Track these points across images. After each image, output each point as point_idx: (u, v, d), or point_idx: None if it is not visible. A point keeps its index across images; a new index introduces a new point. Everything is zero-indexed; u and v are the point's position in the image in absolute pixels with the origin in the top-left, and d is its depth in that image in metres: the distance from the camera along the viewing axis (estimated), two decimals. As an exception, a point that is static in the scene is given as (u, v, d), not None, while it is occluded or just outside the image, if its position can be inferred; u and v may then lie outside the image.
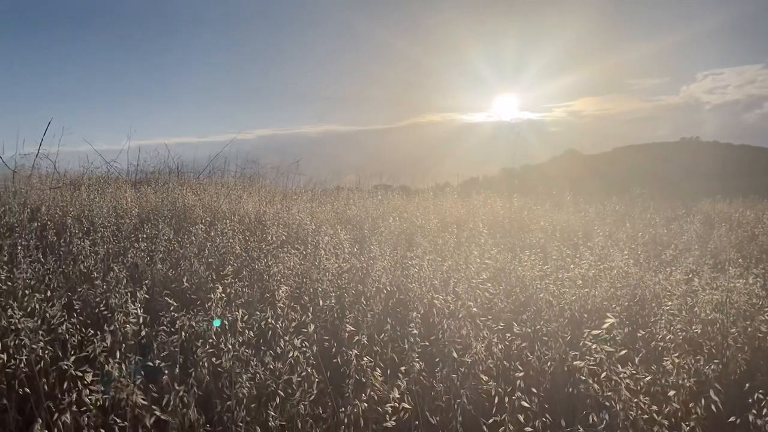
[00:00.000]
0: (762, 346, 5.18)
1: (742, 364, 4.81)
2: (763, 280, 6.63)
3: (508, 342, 4.58)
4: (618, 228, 11.63)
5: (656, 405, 3.39)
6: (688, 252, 8.88)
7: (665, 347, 4.56)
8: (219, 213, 10.76)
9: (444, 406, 3.93)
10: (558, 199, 16.71)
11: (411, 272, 6.68)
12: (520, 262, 7.24)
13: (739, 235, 11.70)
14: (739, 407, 3.76)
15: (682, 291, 6.04)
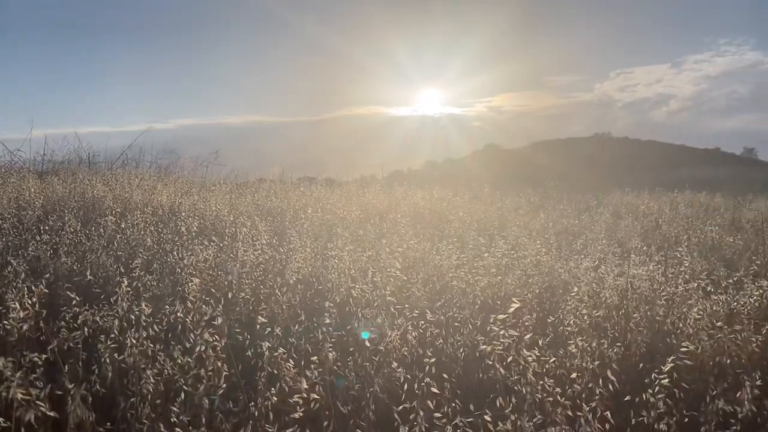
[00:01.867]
0: (661, 329, 5.48)
1: (642, 346, 5.06)
2: (663, 267, 7.04)
3: (422, 329, 4.62)
4: (532, 219, 12.04)
5: (560, 387, 3.50)
6: (597, 241, 9.29)
7: (572, 332, 4.74)
8: (131, 204, 10.31)
9: (357, 395, 3.92)
10: (477, 191, 17.10)
11: (330, 263, 6.64)
12: (438, 252, 7.35)
13: (644, 225, 12.37)
14: (637, 387, 3.95)
15: (589, 278, 6.30)
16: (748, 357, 5.01)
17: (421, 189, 15.95)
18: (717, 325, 5.24)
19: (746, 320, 5.57)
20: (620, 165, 54.19)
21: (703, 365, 4.79)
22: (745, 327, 5.32)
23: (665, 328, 5.44)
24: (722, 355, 4.98)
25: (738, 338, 5.06)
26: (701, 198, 18.84)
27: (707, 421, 3.70)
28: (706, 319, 5.24)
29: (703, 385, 4.33)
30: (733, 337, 5.06)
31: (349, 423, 3.73)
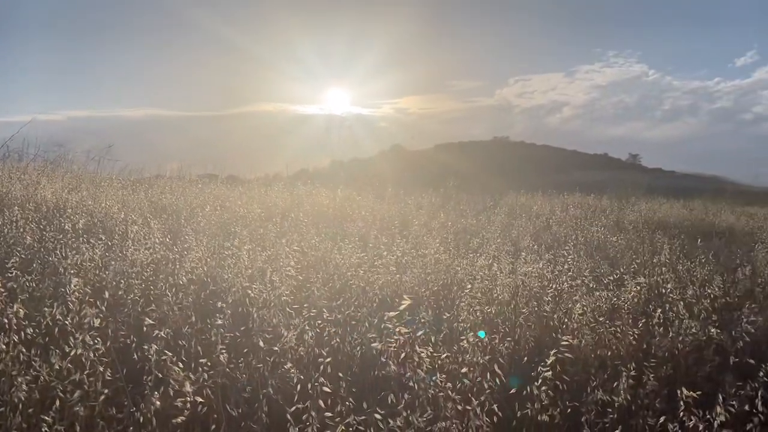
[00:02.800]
0: (548, 324, 5.74)
1: (531, 340, 5.29)
2: (552, 265, 7.39)
3: (319, 329, 4.58)
4: (433, 218, 12.30)
5: (452, 382, 3.57)
6: (493, 240, 9.62)
7: (465, 327, 4.87)
8: (9, 200, 9.55)
9: (250, 397, 3.83)
10: (382, 191, 17.27)
11: (227, 263, 6.45)
12: (339, 251, 7.33)
13: (536, 225, 12.96)
14: (526, 380, 4.11)
15: (483, 275, 6.50)
16: (626, 349, 5.36)
17: (326, 188, 15.90)
18: (599, 319, 5.58)
19: (625, 315, 5.97)
20: (517, 168, 56.59)
21: (586, 358, 5.07)
22: (624, 321, 5.70)
23: (552, 323, 5.71)
24: (603, 348, 5.30)
25: (617, 332, 5.41)
26: (589, 200, 20.01)
27: (588, 411, 3.91)
28: (588, 315, 5.55)
29: (585, 376, 4.58)
30: (613, 330, 5.39)
31: (241, 425, 3.63)
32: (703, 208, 19.40)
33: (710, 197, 24.58)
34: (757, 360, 4.62)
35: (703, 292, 6.61)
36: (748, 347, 5.66)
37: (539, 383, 3.53)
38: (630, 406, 4.10)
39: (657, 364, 4.80)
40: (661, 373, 4.93)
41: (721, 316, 6.40)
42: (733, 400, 3.82)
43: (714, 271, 8.16)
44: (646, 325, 5.69)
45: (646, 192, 24.95)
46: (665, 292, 6.38)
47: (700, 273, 7.86)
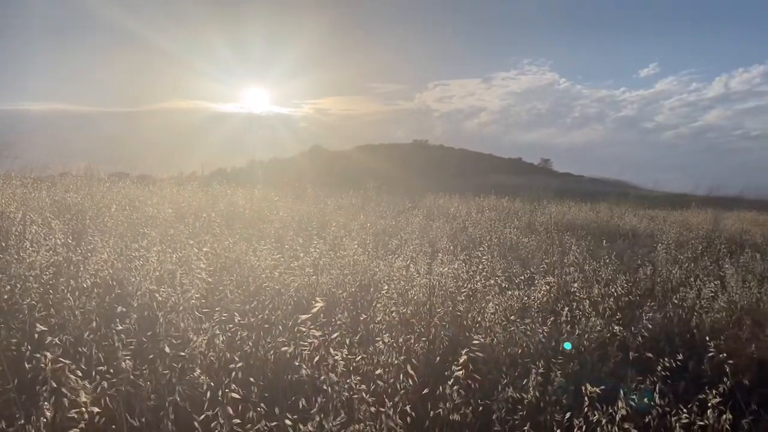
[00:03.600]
0: (462, 323, 5.84)
1: (445, 340, 5.35)
2: (467, 265, 7.53)
3: (231, 333, 4.45)
4: (353, 219, 12.28)
5: (366, 384, 3.54)
6: (411, 241, 9.71)
7: (381, 328, 4.86)
8: None
9: (155, 405, 3.65)
10: (301, 191, 17.09)
11: (135, 264, 6.15)
12: (254, 253, 7.16)
13: (453, 227, 13.21)
14: (440, 379, 4.15)
15: (400, 276, 6.53)
16: (536, 347, 5.53)
17: (244, 188, 15.56)
18: (510, 318, 5.73)
19: (536, 313, 6.17)
20: (436, 170, 57.57)
21: (498, 356, 5.19)
22: (534, 319, 5.88)
23: (466, 322, 5.81)
24: (514, 346, 5.44)
25: (528, 330, 5.58)
26: (504, 203, 20.60)
27: (498, 408, 3.99)
28: (500, 313, 5.69)
29: (497, 374, 4.68)
30: (524, 328, 5.56)
31: (145, 435, 3.46)
32: (609, 211, 20.42)
33: (615, 201, 25.97)
34: (655, 355, 4.89)
35: (608, 290, 6.94)
36: (648, 343, 5.99)
37: (451, 383, 3.56)
38: (539, 402, 4.22)
39: (564, 361, 4.99)
40: (569, 369, 5.12)
41: (624, 313, 6.74)
42: (634, 393, 4.02)
43: (618, 270, 8.58)
44: (554, 323, 5.90)
45: (556, 195, 26.01)
46: (573, 291, 6.63)
47: (605, 273, 8.25)
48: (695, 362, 5.63)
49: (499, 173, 64.67)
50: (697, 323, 6.76)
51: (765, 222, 21.13)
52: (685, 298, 7.18)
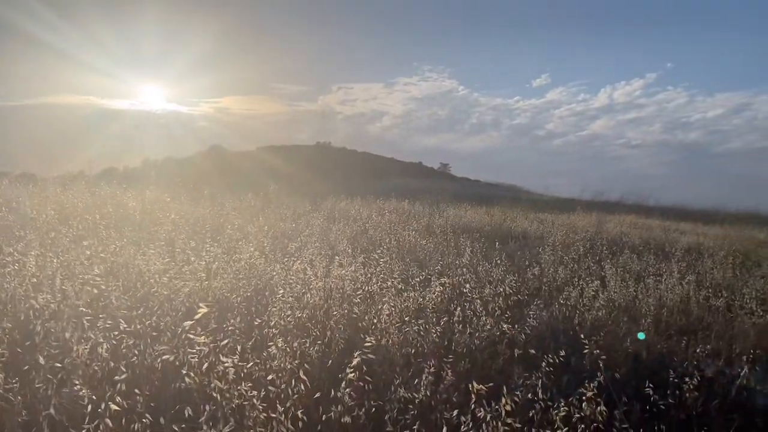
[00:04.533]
0: (358, 326, 5.88)
1: (341, 342, 5.37)
2: (365, 267, 7.60)
3: (116, 341, 4.23)
4: (251, 222, 12.04)
5: (258, 390, 3.49)
6: (311, 244, 9.66)
7: (276, 333, 4.80)
8: None
9: (28, 420, 3.41)
10: (197, 193, 16.55)
11: (9, 270, 5.71)
12: (143, 256, 6.86)
13: (354, 229, 13.27)
14: (335, 382, 4.15)
15: (297, 280, 6.48)
16: (429, 347, 5.67)
17: (136, 189, 14.86)
18: (405, 319, 5.83)
19: (430, 313, 6.32)
20: (339, 173, 57.55)
21: (392, 357, 5.27)
22: (428, 320, 6.03)
23: (361, 324, 5.86)
24: (408, 347, 5.55)
25: (422, 330, 5.71)
26: (404, 206, 20.94)
27: (391, 409, 4.06)
28: (396, 315, 5.78)
29: (390, 375, 4.75)
30: (418, 329, 5.68)
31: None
32: (502, 215, 21.29)
33: (508, 204, 27.16)
34: (540, 351, 5.16)
35: (498, 290, 7.23)
36: (534, 340, 6.30)
37: (344, 385, 3.59)
38: (430, 401, 4.33)
39: (456, 360, 5.15)
40: (460, 368, 5.30)
41: (513, 312, 7.06)
42: (519, 390, 4.22)
43: (508, 271, 8.97)
44: (448, 323, 6.08)
45: (454, 199, 26.82)
46: (465, 291, 6.86)
47: (496, 273, 8.59)
48: (577, 358, 5.98)
49: (401, 176, 65.61)
50: (579, 321, 7.19)
51: (643, 225, 22.84)
52: (569, 297, 7.61)
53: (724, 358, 6.24)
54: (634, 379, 5.62)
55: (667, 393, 4.56)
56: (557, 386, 5.04)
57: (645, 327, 7.02)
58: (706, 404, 4.97)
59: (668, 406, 4.43)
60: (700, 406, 4.85)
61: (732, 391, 5.22)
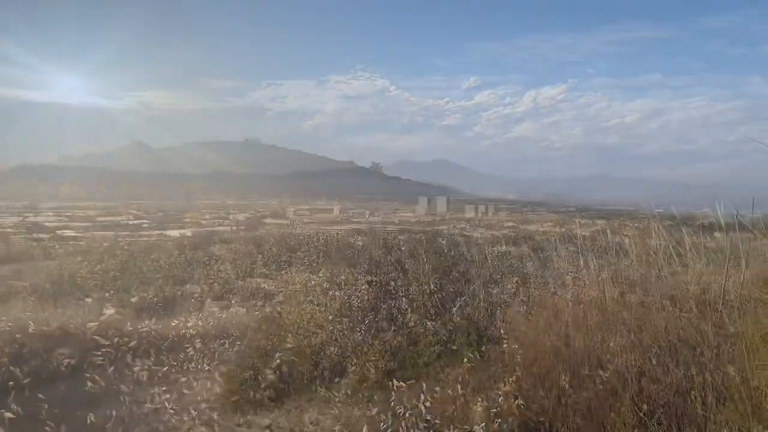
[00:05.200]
0: (280, 326, 5.77)
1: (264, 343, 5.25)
2: (288, 266, 7.47)
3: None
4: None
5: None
6: (233, 250, 9.43)
7: (194, 334, 4.64)
8: None
9: None
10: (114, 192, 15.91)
11: None
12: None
13: (282, 230, 13.10)
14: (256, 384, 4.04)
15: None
16: (353, 345, 5.63)
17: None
18: (330, 318, 5.76)
19: (356, 311, 6.28)
20: (270, 170, 56.71)
21: (316, 356, 5.19)
22: (353, 318, 5.98)
23: (284, 324, 5.74)
24: (332, 345, 5.48)
25: (346, 329, 5.65)
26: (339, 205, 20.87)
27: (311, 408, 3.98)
28: (320, 314, 5.69)
29: (312, 375, 4.68)
30: (342, 327, 5.62)
31: None
32: (432, 214, 21.58)
33: (439, 204, 27.57)
34: (463, 347, 5.21)
35: (424, 288, 7.27)
36: (458, 335, 6.36)
37: (263, 387, 3.48)
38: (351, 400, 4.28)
39: (379, 357, 5.12)
40: (383, 365, 5.26)
41: (437, 309, 7.12)
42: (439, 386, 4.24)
43: (435, 269, 9.04)
44: (373, 320, 6.06)
45: (385, 198, 26.98)
46: (391, 289, 6.87)
47: (422, 271, 8.64)
48: (497, 353, 6.09)
49: (334, 176, 65.28)
50: (502, 316, 7.32)
51: (563, 222, 23.69)
52: (491, 294, 7.75)
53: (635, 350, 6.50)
54: (551, 372, 5.75)
55: (582, 385, 4.70)
56: (479, 381, 5.10)
57: (564, 322, 7.22)
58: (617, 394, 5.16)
59: (581, 399, 4.56)
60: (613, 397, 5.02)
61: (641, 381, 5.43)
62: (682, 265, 5.76)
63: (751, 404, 3.90)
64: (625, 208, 39.13)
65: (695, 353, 4.31)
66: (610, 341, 4.87)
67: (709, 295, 4.70)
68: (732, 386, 4.00)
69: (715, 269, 5.18)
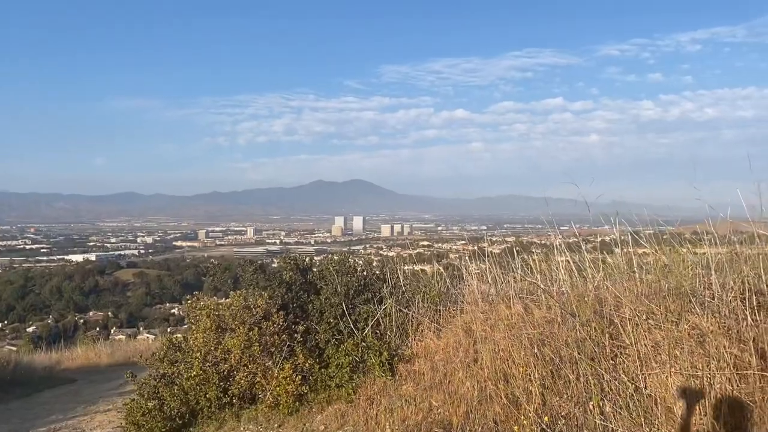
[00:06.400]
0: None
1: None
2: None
3: None
4: None
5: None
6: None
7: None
8: None
9: None
10: None
11: None
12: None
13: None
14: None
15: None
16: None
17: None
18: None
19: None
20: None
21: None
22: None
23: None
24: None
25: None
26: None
27: None
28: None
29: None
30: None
31: None
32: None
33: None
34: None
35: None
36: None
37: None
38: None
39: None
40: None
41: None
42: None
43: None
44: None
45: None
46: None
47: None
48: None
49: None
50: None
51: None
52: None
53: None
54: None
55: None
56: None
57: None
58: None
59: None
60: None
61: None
62: (582, 279, 6.03)
63: (644, 412, 4.12)
64: (533, 226, 40.80)
65: (594, 364, 4.51)
66: (516, 356, 5.02)
67: (606, 308, 4.94)
68: (627, 395, 4.21)
69: (612, 283, 5.46)
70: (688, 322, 4.35)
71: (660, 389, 4.15)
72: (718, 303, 4.50)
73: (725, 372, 3.97)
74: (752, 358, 3.94)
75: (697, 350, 4.17)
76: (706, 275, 4.95)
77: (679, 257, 5.61)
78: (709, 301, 4.57)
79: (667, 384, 4.15)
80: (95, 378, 10.96)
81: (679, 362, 4.17)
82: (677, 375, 4.14)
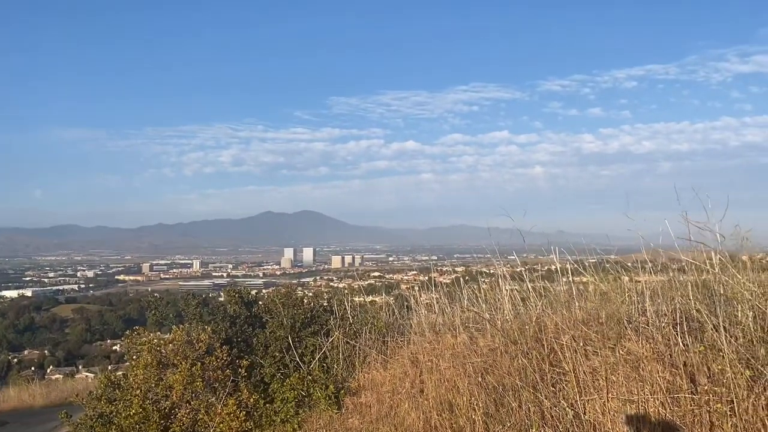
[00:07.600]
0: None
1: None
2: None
3: None
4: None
5: None
6: None
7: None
8: None
9: None
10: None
11: None
12: None
13: None
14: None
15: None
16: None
17: None
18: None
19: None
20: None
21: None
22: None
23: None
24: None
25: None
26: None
27: None
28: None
29: None
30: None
31: None
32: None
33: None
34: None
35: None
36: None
37: None
38: None
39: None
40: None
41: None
42: None
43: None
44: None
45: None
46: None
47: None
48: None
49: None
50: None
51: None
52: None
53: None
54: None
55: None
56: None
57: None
58: None
59: None
60: None
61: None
62: (525, 308, 6.16)
63: (582, 436, 4.21)
64: (482, 255, 41.37)
65: (535, 392, 4.59)
66: (460, 385, 5.07)
67: (547, 336, 5.05)
68: (566, 421, 4.30)
69: (552, 311, 5.60)
70: (623, 348, 4.49)
71: (598, 415, 4.25)
72: (652, 329, 4.66)
73: (659, 396, 4.10)
74: (683, 382, 4.10)
75: (633, 375, 4.30)
76: (641, 302, 5.14)
77: (617, 285, 5.81)
78: (644, 327, 4.73)
79: (605, 409, 4.26)
80: (28, 420, 10.51)
81: (616, 387, 4.30)
82: (614, 400, 4.26)
